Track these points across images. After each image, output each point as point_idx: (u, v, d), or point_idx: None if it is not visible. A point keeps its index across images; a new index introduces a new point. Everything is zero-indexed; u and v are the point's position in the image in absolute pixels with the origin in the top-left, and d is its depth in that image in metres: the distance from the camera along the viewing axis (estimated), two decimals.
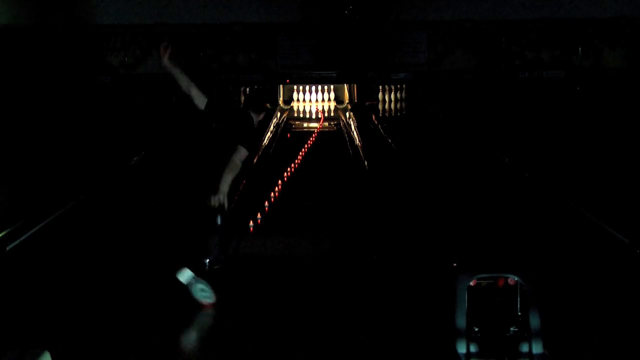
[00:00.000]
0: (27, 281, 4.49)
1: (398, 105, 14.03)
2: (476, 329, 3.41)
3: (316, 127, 13.11)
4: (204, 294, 4.15)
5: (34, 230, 5.40)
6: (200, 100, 4.53)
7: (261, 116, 5.08)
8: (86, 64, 12.50)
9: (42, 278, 4.59)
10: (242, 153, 4.52)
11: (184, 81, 4.48)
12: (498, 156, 8.67)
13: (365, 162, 8.20)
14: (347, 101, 15.13)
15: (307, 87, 15.44)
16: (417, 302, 4.05)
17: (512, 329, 3.43)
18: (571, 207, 6.04)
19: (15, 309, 4.04)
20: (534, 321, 3.33)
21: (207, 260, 4.56)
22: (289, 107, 15.08)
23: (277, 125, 12.38)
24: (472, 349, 3.33)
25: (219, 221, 4.64)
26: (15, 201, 6.48)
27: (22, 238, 5.19)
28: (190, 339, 3.84)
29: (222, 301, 4.20)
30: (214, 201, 4.36)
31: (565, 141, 9.70)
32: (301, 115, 14.57)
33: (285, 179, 8.18)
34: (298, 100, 15.68)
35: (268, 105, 14.08)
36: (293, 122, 13.53)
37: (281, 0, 12.61)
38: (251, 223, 6.10)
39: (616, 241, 5.09)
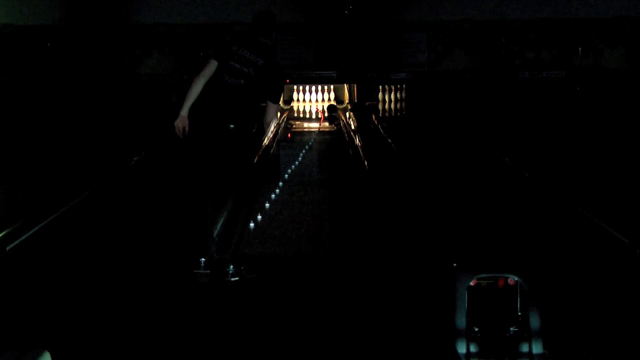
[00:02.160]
0: (27, 281, 4.49)
1: (398, 105, 14.03)
2: (476, 329, 3.41)
3: (316, 127, 13.12)
4: None
5: (34, 230, 5.40)
6: (212, 65, 4.68)
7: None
8: (87, 64, 12.51)
9: (42, 278, 4.59)
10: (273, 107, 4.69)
11: (194, 83, 4.63)
12: (498, 156, 8.67)
13: (365, 162, 8.20)
14: (347, 101, 15.13)
15: (307, 87, 15.44)
16: (417, 302, 4.05)
17: (512, 329, 3.43)
18: (571, 207, 6.03)
19: (15, 309, 4.04)
20: (534, 321, 3.33)
21: (203, 260, 4.43)
22: (289, 107, 15.08)
23: (278, 125, 12.36)
24: (472, 349, 3.33)
25: (219, 220, 4.56)
26: (15, 201, 6.47)
27: (22, 238, 5.19)
28: (190, 338, 3.83)
29: (220, 299, 4.20)
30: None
31: (565, 141, 9.70)
32: (301, 115, 14.57)
33: (286, 177, 8.19)
34: (298, 100, 15.68)
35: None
36: (293, 122, 13.54)
37: (281, 0, 12.61)
38: (252, 224, 6.10)
39: (616, 241, 5.08)
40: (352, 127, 11.42)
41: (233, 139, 4.52)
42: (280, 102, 15.26)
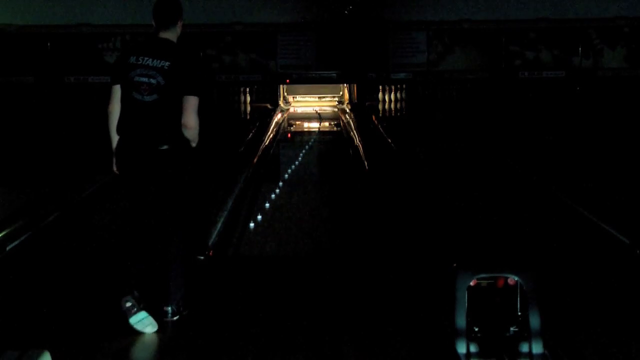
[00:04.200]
0: (27, 281, 4.49)
1: (398, 105, 14.03)
2: (476, 329, 3.41)
3: (316, 127, 13.12)
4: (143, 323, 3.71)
5: (34, 230, 5.41)
6: (115, 92, 3.92)
7: None
8: (83, 64, 12.50)
9: (42, 278, 4.59)
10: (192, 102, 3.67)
11: (109, 121, 3.95)
12: (498, 156, 8.67)
13: (365, 162, 8.20)
14: (347, 101, 15.15)
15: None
16: (417, 302, 4.05)
17: (512, 329, 3.43)
18: (571, 207, 6.04)
19: (15, 309, 4.04)
20: (534, 321, 3.33)
21: (169, 308, 3.86)
22: (289, 107, 15.12)
23: (278, 125, 12.39)
24: (472, 349, 3.33)
25: (176, 253, 3.88)
26: (14, 201, 6.47)
27: (22, 238, 5.20)
28: (190, 338, 3.83)
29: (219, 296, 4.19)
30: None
31: (565, 141, 9.70)
32: (302, 115, 14.58)
33: (286, 177, 8.20)
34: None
35: (268, 105, 14.12)
36: (293, 122, 13.55)
37: (281, 0, 12.62)
38: (252, 224, 6.10)
39: (616, 241, 5.09)
40: (352, 127, 11.44)
41: (173, 159, 3.73)
42: (281, 102, 15.34)
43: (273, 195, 7.18)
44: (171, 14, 3.89)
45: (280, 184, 7.75)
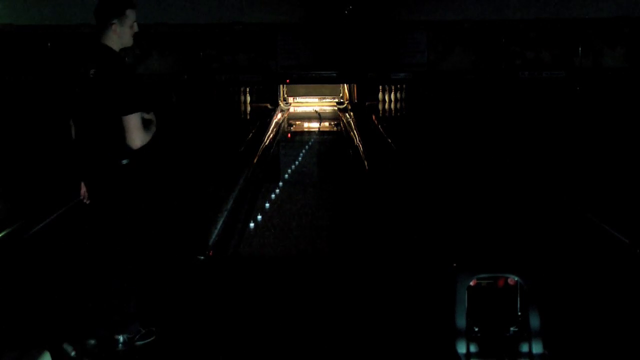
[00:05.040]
0: (26, 281, 4.49)
1: (398, 105, 14.03)
2: (476, 329, 3.41)
3: (316, 127, 13.13)
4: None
5: (33, 230, 5.41)
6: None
7: None
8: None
9: (42, 278, 4.59)
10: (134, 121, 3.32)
11: None
12: (497, 156, 8.67)
13: (365, 162, 8.20)
14: (347, 101, 15.15)
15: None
16: (417, 302, 4.05)
17: (512, 329, 3.43)
18: (571, 207, 6.04)
19: (15, 309, 4.04)
20: (534, 321, 3.33)
21: (122, 337, 3.59)
22: (289, 107, 15.12)
23: (278, 125, 12.40)
24: (472, 349, 3.33)
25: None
26: (13, 200, 6.47)
27: (21, 237, 5.20)
28: (189, 338, 3.83)
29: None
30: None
31: (565, 141, 9.70)
32: (302, 115, 14.59)
33: (286, 177, 8.20)
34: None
35: (268, 105, 14.12)
36: (293, 122, 13.55)
37: (281, 0, 12.61)
38: (252, 224, 6.10)
39: (616, 241, 5.09)
40: (352, 127, 11.44)
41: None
42: (281, 102, 15.33)
43: (273, 195, 7.18)
44: (102, 12, 3.52)
45: (280, 184, 7.75)
